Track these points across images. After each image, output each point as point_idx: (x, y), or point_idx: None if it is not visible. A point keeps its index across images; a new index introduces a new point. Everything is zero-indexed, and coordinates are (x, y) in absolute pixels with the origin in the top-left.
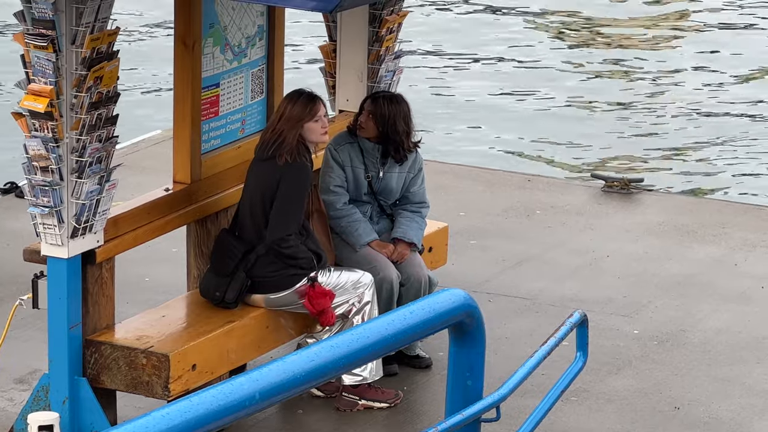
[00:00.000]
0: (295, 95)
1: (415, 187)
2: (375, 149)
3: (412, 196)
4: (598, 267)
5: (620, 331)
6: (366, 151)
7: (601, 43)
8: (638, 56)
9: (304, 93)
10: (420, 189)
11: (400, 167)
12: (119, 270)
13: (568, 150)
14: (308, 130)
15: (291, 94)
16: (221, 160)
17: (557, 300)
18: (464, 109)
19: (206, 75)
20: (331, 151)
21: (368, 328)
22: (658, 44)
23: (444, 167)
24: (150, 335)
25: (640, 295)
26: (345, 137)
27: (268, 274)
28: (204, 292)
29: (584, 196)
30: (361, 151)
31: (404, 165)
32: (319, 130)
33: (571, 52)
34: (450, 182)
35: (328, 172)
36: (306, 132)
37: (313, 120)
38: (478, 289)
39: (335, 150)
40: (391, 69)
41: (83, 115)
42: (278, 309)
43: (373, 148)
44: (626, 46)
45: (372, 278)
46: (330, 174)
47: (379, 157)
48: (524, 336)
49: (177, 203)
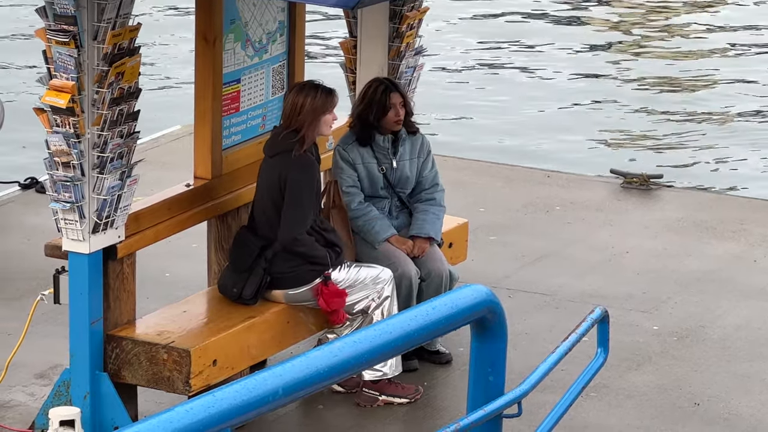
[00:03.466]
0: (311, 88)
1: (427, 171)
2: (385, 140)
3: (425, 180)
4: (617, 263)
5: (640, 327)
6: (376, 145)
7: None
8: (660, 45)
9: (320, 85)
10: (431, 172)
11: (410, 153)
12: (140, 265)
13: (588, 145)
14: (324, 122)
15: (304, 87)
16: (242, 156)
17: (577, 296)
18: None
19: (227, 71)
20: (340, 152)
21: (391, 324)
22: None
23: (463, 163)
24: (171, 330)
25: (659, 291)
26: (351, 136)
27: (286, 270)
28: (222, 289)
29: (604, 192)
30: (371, 145)
31: (413, 150)
32: (331, 121)
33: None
34: (469, 178)
35: (339, 173)
36: (320, 125)
37: (328, 112)
38: (498, 285)
39: (344, 150)
40: (412, 65)
41: (104, 111)
42: (298, 304)
43: (384, 139)
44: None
45: (391, 274)
46: (341, 175)
47: (390, 148)
48: (544, 332)
49: (197, 199)
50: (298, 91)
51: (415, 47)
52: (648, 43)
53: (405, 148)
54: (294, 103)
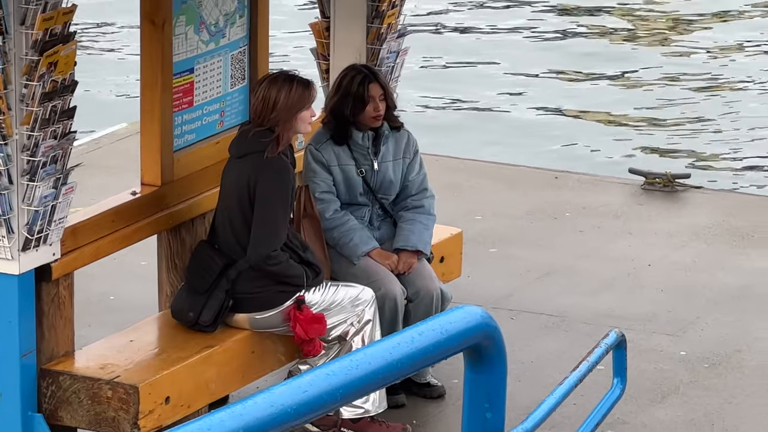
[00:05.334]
0: (285, 80)
1: (414, 174)
2: (365, 138)
3: (411, 184)
4: (638, 278)
5: (664, 353)
6: (354, 144)
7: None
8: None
9: (295, 77)
10: (419, 175)
11: (394, 154)
12: (79, 288)
13: (602, 140)
14: (301, 120)
15: (276, 79)
16: (197, 158)
17: (590, 317)
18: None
19: (178, 59)
20: (312, 152)
21: (370, 353)
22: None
23: (456, 163)
24: (116, 363)
25: (687, 311)
26: (325, 133)
27: (252, 291)
28: (176, 313)
29: (621, 195)
30: (348, 144)
31: (398, 150)
32: (309, 118)
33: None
34: (464, 180)
35: (311, 177)
36: (297, 122)
37: (306, 108)
38: (498, 306)
39: (317, 149)
40: (394, 49)
41: (35, 108)
42: (265, 331)
43: (363, 137)
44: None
45: (373, 294)
46: (313, 179)
47: (370, 147)
48: (552, 360)
49: (146, 209)
50: (270, 84)
51: (398, 29)
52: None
53: (388, 147)
54: (266, 99)
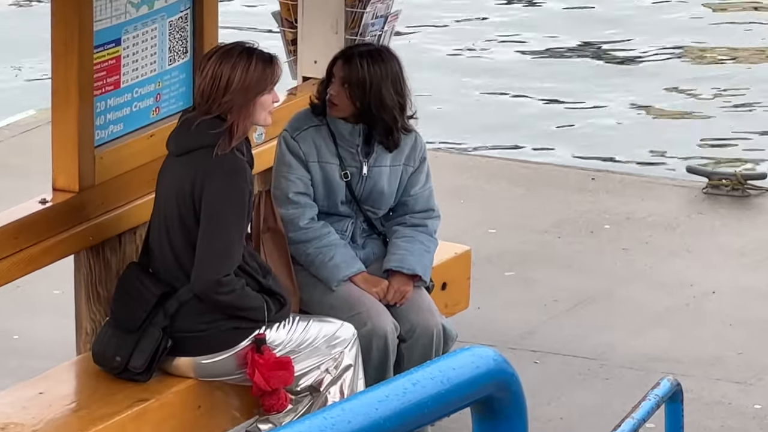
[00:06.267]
0: (242, 54)
1: (417, 187)
2: (354, 133)
3: (414, 201)
4: (698, 309)
5: (733, 406)
6: (340, 138)
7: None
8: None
9: (255, 50)
10: (425, 189)
11: (393, 158)
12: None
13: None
14: (260, 106)
15: (230, 52)
16: (125, 156)
17: (637, 360)
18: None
19: (100, 27)
20: (286, 141)
21: (350, 409)
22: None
23: (465, 160)
24: (21, 422)
25: (762, 352)
26: (307, 118)
27: (197, 328)
28: (98, 357)
29: (677, 202)
30: (333, 137)
31: (399, 154)
32: (271, 104)
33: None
34: (474, 182)
35: (284, 172)
36: (256, 110)
37: (267, 90)
38: (517, 346)
39: (293, 138)
40: (381, 14)
41: None
42: (215, 380)
43: (352, 131)
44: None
45: (355, 331)
46: (287, 175)
47: (361, 145)
48: (588, 415)
49: (60, 222)
50: (222, 59)
51: None
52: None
53: (384, 148)
54: (215, 78)
